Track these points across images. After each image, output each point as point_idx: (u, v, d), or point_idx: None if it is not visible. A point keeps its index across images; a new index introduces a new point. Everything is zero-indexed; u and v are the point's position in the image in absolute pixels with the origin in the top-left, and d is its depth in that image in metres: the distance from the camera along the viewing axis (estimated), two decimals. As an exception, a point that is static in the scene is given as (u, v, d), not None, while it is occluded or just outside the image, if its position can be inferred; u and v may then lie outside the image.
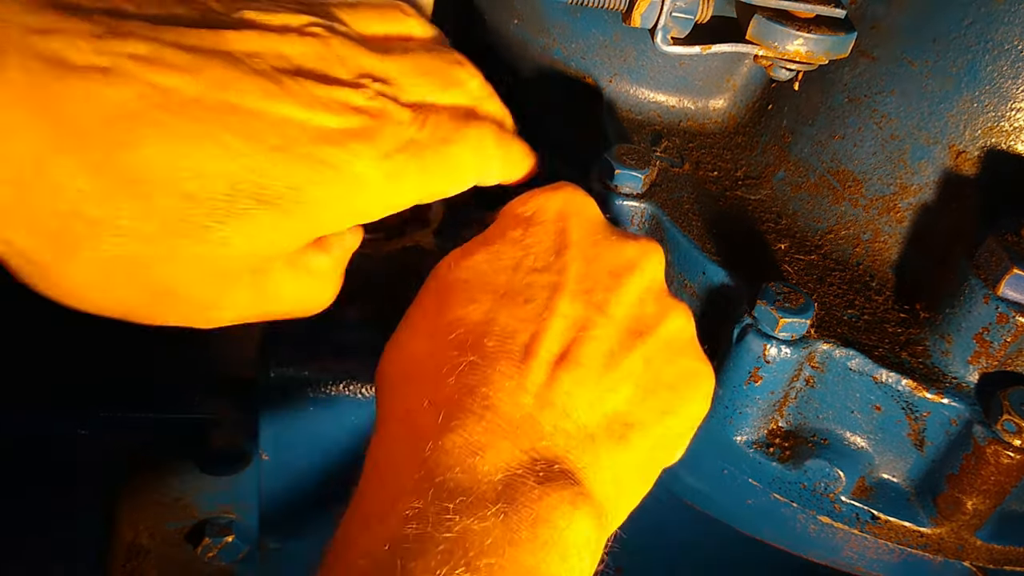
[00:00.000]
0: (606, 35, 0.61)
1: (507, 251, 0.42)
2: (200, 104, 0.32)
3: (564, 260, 0.41)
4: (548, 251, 0.42)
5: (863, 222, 0.54)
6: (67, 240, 0.31)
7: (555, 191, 0.44)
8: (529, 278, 0.40)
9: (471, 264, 0.41)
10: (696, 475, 0.54)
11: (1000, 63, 0.50)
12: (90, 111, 0.30)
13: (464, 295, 0.40)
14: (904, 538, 0.50)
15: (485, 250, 0.42)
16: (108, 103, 0.30)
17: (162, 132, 0.31)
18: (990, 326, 0.47)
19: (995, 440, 0.46)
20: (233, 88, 0.33)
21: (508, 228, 0.43)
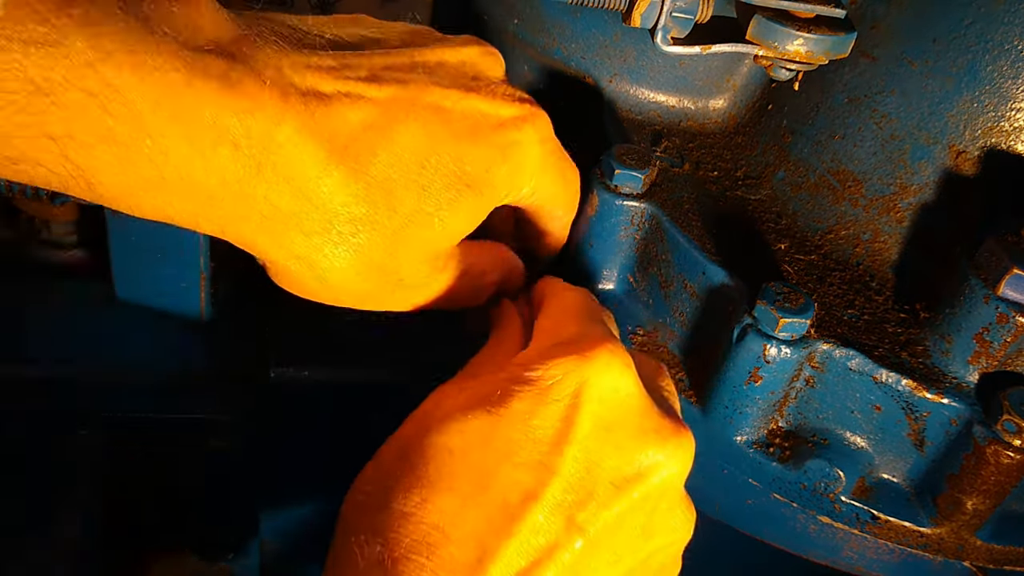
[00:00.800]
0: (606, 35, 0.61)
1: (506, 430, 0.37)
2: (415, 107, 0.39)
3: (558, 459, 0.36)
4: (548, 440, 0.37)
5: (863, 222, 0.54)
6: (334, 239, 0.38)
7: (588, 358, 0.38)
8: (517, 474, 0.36)
9: (464, 433, 0.37)
10: (696, 475, 0.54)
11: (1000, 63, 0.50)
12: (345, 129, 0.37)
13: (444, 472, 0.36)
14: (904, 538, 0.50)
15: (485, 417, 0.37)
16: (355, 120, 0.37)
17: (396, 136, 0.38)
18: (990, 326, 0.47)
19: (995, 440, 0.46)
20: (435, 92, 0.40)
21: (520, 390, 0.38)
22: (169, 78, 0.32)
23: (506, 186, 0.43)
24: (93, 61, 0.30)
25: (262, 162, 0.35)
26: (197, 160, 0.34)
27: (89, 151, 0.32)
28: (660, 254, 0.54)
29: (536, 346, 0.40)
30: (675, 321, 0.54)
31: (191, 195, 0.35)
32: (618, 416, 0.38)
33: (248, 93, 0.34)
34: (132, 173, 0.33)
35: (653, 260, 0.54)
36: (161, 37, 0.32)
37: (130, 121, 0.32)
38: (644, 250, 0.55)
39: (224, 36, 0.35)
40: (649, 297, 0.55)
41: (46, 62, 0.30)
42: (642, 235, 0.54)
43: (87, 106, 0.31)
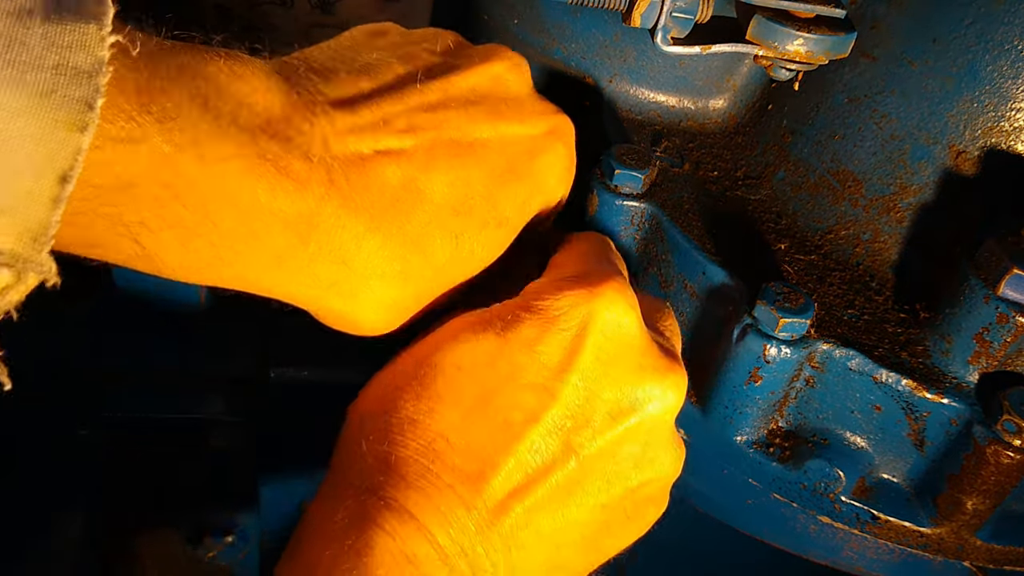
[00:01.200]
0: (606, 35, 0.61)
1: (513, 353, 0.38)
2: (450, 151, 0.40)
3: (560, 385, 0.38)
4: (552, 367, 0.38)
5: (863, 222, 0.54)
6: (371, 297, 0.40)
7: (595, 293, 0.40)
8: (520, 395, 0.38)
9: (473, 352, 0.39)
10: (696, 475, 0.54)
11: (1000, 63, 0.50)
12: (384, 193, 0.38)
13: (452, 387, 0.38)
14: (904, 538, 0.50)
15: (494, 340, 0.39)
16: (393, 181, 0.39)
17: (432, 188, 0.40)
18: (990, 326, 0.47)
19: (995, 440, 0.46)
20: (470, 128, 0.41)
21: (529, 318, 0.39)
22: (231, 167, 0.34)
23: (538, 210, 0.45)
24: (169, 155, 0.32)
25: (308, 238, 0.37)
26: (251, 240, 0.36)
27: (157, 235, 0.34)
28: (660, 254, 0.54)
29: (547, 279, 0.41)
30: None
31: (242, 267, 0.38)
32: (619, 350, 0.40)
33: (298, 176, 0.36)
34: (193, 252, 0.36)
35: (653, 260, 0.54)
36: (224, 124, 0.34)
37: (196, 208, 0.34)
38: (644, 250, 0.55)
39: (274, 109, 0.37)
40: (649, 297, 0.55)
41: (130, 158, 0.32)
42: (642, 235, 0.54)
43: (161, 197, 0.33)
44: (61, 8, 0.30)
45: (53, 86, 0.29)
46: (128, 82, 0.31)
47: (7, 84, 0.28)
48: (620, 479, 0.40)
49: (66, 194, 0.29)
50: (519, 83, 0.44)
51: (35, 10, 0.29)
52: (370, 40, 0.43)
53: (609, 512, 0.40)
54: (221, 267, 0.37)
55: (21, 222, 0.29)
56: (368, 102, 0.39)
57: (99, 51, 0.30)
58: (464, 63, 0.43)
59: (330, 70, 0.40)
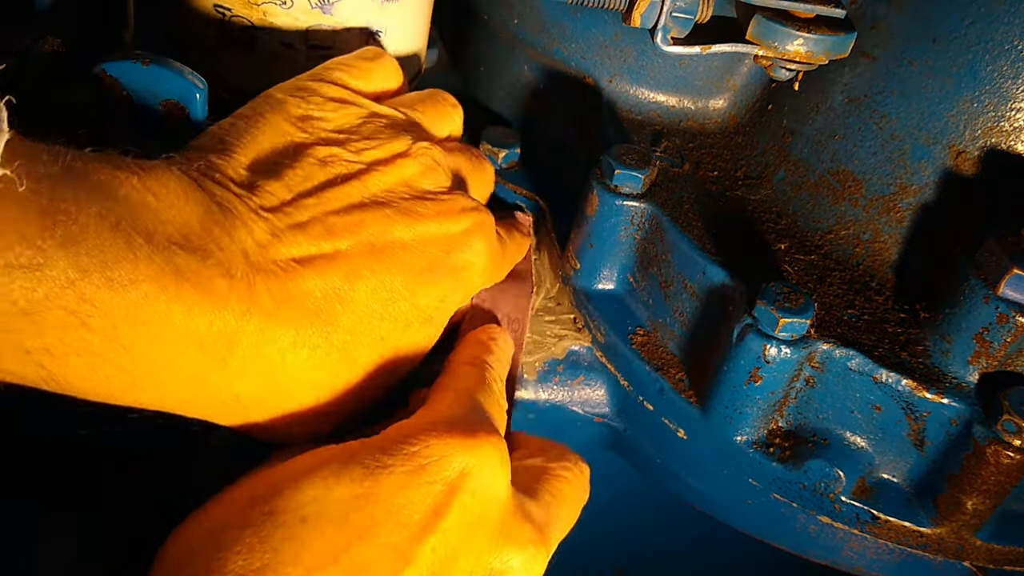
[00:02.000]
0: (606, 35, 0.61)
1: (371, 507, 0.34)
2: (371, 254, 0.39)
3: (417, 548, 0.34)
4: (412, 525, 0.34)
5: (863, 222, 0.54)
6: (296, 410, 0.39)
7: (470, 446, 0.36)
8: (369, 556, 0.33)
9: (324, 502, 0.34)
10: (696, 475, 0.54)
11: (1000, 63, 0.50)
12: (307, 304, 0.37)
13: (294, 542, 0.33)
14: (904, 538, 0.50)
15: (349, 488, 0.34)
16: (317, 291, 0.38)
17: (356, 295, 0.39)
18: (990, 326, 0.47)
19: (995, 440, 0.46)
20: (387, 228, 0.40)
21: (394, 464, 0.35)
22: (143, 289, 0.32)
23: (459, 306, 0.45)
24: (75, 280, 0.31)
25: (227, 357, 0.36)
26: (165, 364, 0.34)
27: (63, 361, 0.32)
28: (660, 254, 0.54)
29: (418, 419, 0.38)
30: (675, 321, 0.54)
31: (156, 391, 0.36)
32: (485, 512, 0.36)
33: (218, 292, 0.35)
34: (103, 378, 0.34)
35: (653, 260, 0.54)
36: (136, 245, 0.32)
37: (104, 332, 0.32)
38: (644, 250, 0.55)
39: (191, 224, 0.35)
40: (649, 297, 0.55)
41: (29, 284, 0.30)
42: (642, 235, 0.54)
43: (66, 322, 0.31)
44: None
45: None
46: (30, 206, 0.30)
47: None
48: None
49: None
50: (433, 181, 0.43)
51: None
52: (296, 131, 0.41)
53: None
54: (136, 392, 0.35)
55: None
56: (286, 208, 0.38)
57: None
58: (382, 163, 0.42)
59: (248, 175, 0.39)
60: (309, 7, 0.52)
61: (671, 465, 0.55)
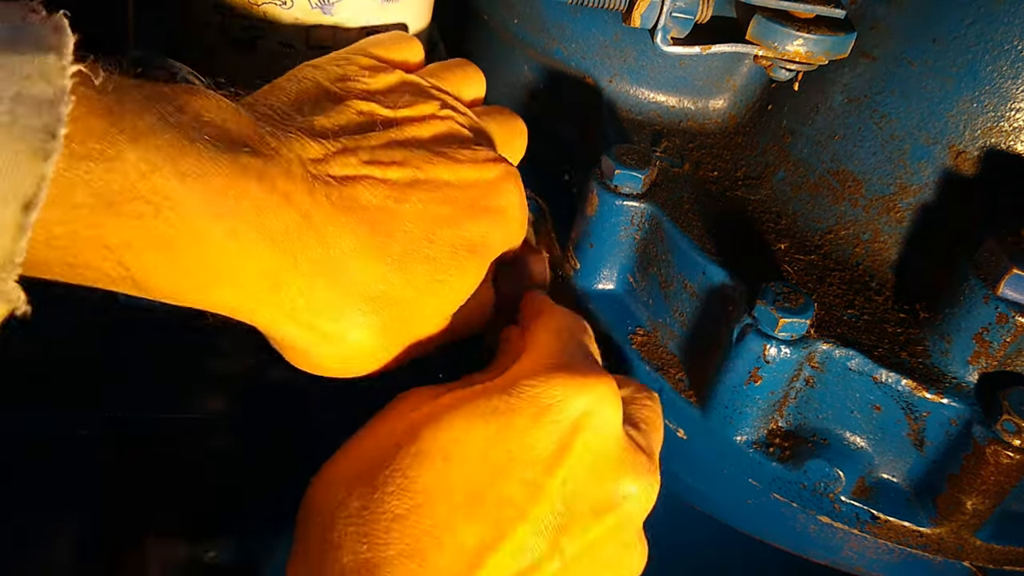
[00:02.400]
0: (606, 35, 0.61)
1: (506, 445, 0.37)
2: (415, 186, 0.41)
3: (550, 481, 0.37)
4: (543, 460, 0.37)
5: (863, 222, 0.54)
6: (359, 321, 0.40)
7: (588, 386, 0.38)
8: (510, 490, 0.36)
9: (463, 442, 0.37)
10: (696, 475, 0.54)
11: (1000, 63, 0.50)
12: (364, 213, 0.39)
13: (440, 479, 0.36)
14: (904, 538, 0.50)
15: (484, 428, 0.37)
16: (371, 202, 0.39)
17: (406, 214, 0.40)
18: (990, 326, 0.47)
19: (995, 440, 0.46)
20: (430, 169, 0.42)
21: (521, 405, 0.37)
22: (213, 183, 0.34)
23: (502, 245, 0.45)
24: (146, 172, 0.32)
25: (296, 255, 0.37)
26: (241, 257, 0.36)
27: (141, 256, 0.34)
28: (660, 254, 0.54)
29: (532, 362, 0.40)
30: (675, 321, 0.54)
31: (232, 289, 0.37)
32: (605, 447, 0.39)
33: (281, 190, 0.36)
34: (182, 273, 0.35)
35: (653, 260, 0.54)
36: (200, 143, 0.34)
37: (181, 225, 0.34)
38: (644, 250, 0.55)
39: (247, 131, 0.37)
40: (649, 297, 0.55)
41: (107, 176, 0.31)
42: (642, 235, 0.54)
43: (143, 214, 0.33)
44: (18, 41, 0.30)
45: (13, 117, 0.29)
46: (97, 104, 0.31)
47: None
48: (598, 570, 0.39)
49: (30, 222, 0.29)
50: (463, 140, 0.45)
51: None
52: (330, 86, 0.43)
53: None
54: (212, 289, 0.36)
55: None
56: (334, 135, 0.40)
57: (59, 80, 0.30)
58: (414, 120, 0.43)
59: (292, 109, 0.40)
60: (309, 7, 0.52)
61: (671, 465, 0.55)
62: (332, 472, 0.38)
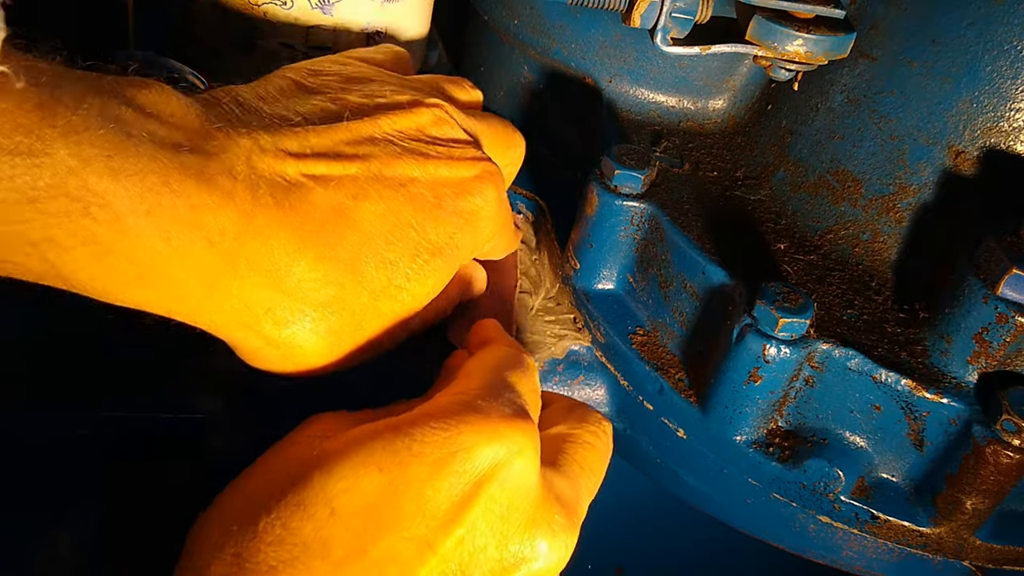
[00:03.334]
0: (606, 35, 0.61)
1: (398, 499, 0.33)
2: (378, 182, 0.40)
3: (444, 539, 0.34)
4: (438, 516, 0.34)
5: (862, 222, 0.54)
6: (306, 325, 0.39)
7: (500, 433, 0.35)
8: (398, 548, 0.33)
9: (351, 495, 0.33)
10: (696, 475, 0.54)
11: (999, 63, 0.50)
12: (313, 214, 0.38)
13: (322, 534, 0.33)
14: (903, 538, 0.50)
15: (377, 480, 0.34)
16: (322, 204, 0.38)
17: (362, 215, 0.39)
18: (989, 326, 0.47)
19: (994, 440, 0.46)
20: (396, 164, 0.40)
21: (421, 453, 0.34)
22: (147, 180, 0.33)
23: (469, 250, 0.44)
24: (75, 168, 0.31)
25: (235, 256, 0.36)
26: (173, 257, 0.35)
27: (68, 252, 0.33)
28: (660, 254, 0.54)
29: (448, 400, 0.37)
30: (675, 321, 0.54)
31: (166, 289, 0.36)
32: (514, 502, 0.35)
33: (222, 189, 0.35)
34: (110, 271, 0.34)
35: (653, 260, 0.54)
36: (138, 140, 0.33)
37: (110, 223, 0.33)
38: (644, 250, 0.55)
39: (193, 127, 0.36)
40: (649, 297, 0.55)
41: (33, 172, 0.31)
42: (642, 235, 0.54)
43: (70, 211, 0.32)
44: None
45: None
46: (28, 98, 0.31)
47: None
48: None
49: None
50: (449, 132, 0.44)
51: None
52: (304, 79, 0.42)
53: None
54: (143, 288, 0.35)
55: None
56: (294, 129, 0.39)
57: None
58: (390, 109, 0.42)
59: (254, 102, 0.39)
60: (309, 7, 0.52)
61: (671, 465, 0.55)
62: (219, 507, 0.36)
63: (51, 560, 0.60)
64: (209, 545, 0.34)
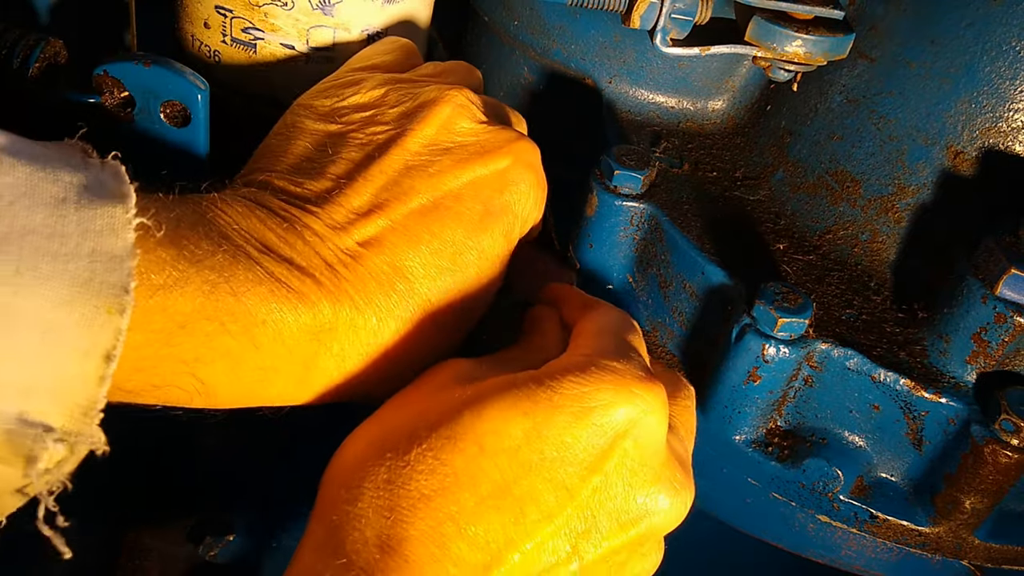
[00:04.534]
0: (606, 36, 0.61)
1: (542, 444, 0.36)
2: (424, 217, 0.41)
3: (581, 486, 0.36)
4: (577, 464, 0.36)
5: (861, 222, 0.54)
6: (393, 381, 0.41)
7: (636, 395, 0.37)
8: (539, 489, 0.36)
9: (499, 436, 0.36)
10: (696, 474, 0.54)
11: (998, 64, 0.50)
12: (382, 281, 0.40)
13: (471, 467, 0.35)
14: (902, 537, 0.50)
15: (522, 424, 0.36)
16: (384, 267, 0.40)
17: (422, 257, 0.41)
18: (988, 326, 0.47)
19: (993, 439, 0.46)
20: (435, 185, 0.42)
21: (563, 404, 0.37)
22: (256, 295, 0.37)
23: (521, 229, 0.46)
24: (208, 292, 0.35)
25: (331, 343, 0.39)
26: (287, 356, 0.38)
27: (211, 367, 0.36)
28: (659, 254, 0.54)
29: (580, 358, 0.39)
30: (675, 321, 0.54)
31: (283, 384, 0.39)
32: (644, 458, 0.38)
33: (310, 294, 0.38)
34: (242, 378, 0.38)
35: (652, 260, 0.55)
36: (239, 260, 0.37)
37: (240, 336, 0.36)
38: (643, 250, 0.55)
39: (271, 237, 0.39)
40: (649, 297, 0.55)
41: (179, 301, 0.34)
42: (641, 235, 0.55)
43: (210, 331, 0.35)
44: (89, 191, 0.32)
45: (91, 274, 0.31)
46: (165, 239, 0.34)
47: (53, 278, 0.30)
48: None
49: (111, 372, 0.31)
50: (470, 119, 0.44)
51: (68, 198, 0.32)
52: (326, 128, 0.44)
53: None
54: (265, 388, 0.39)
55: (71, 400, 0.31)
56: (337, 200, 0.41)
57: (127, 235, 0.32)
58: (413, 121, 0.43)
59: (295, 181, 0.41)
60: (310, 8, 0.52)
61: (670, 464, 0.55)
62: (362, 438, 0.38)
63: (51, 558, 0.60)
64: (357, 472, 0.36)
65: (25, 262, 0.30)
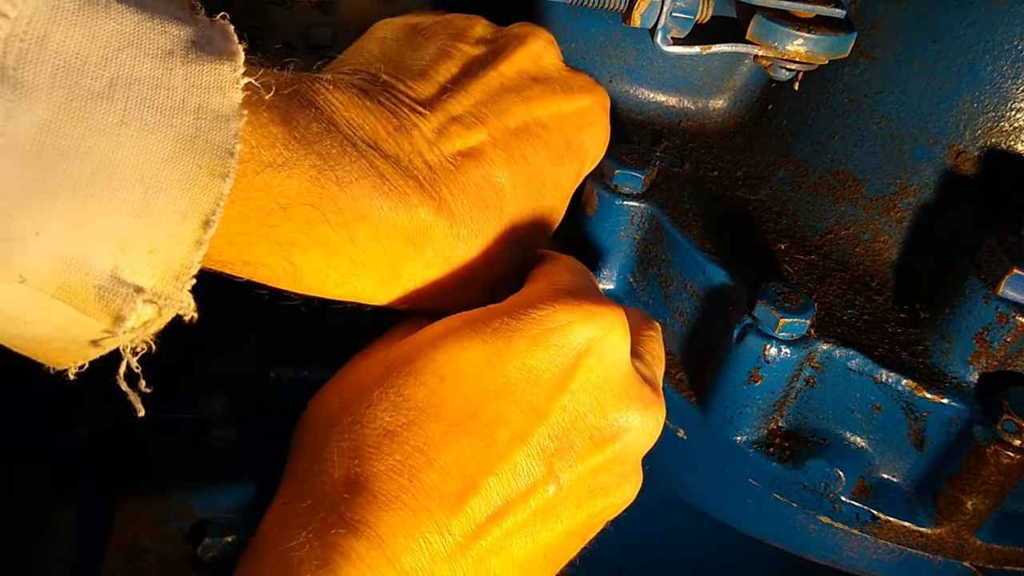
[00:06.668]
0: (606, 35, 0.61)
1: (503, 366, 0.36)
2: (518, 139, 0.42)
3: (549, 405, 0.37)
4: (543, 384, 0.37)
5: (863, 222, 0.54)
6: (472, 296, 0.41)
7: (595, 314, 0.38)
8: (507, 412, 0.36)
9: (458, 363, 0.36)
10: (696, 475, 0.54)
11: (1000, 63, 0.50)
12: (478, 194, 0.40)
13: (434, 398, 0.36)
14: (904, 538, 0.50)
15: (482, 349, 0.37)
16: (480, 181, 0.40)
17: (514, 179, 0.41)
18: (990, 326, 0.47)
19: (995, 440, 0.46)
20: (527, 111, 0.42)
21: (523, 328, 0.37)
22: (361, 187, 0.36)
23: (585, 172, 0.46)
24: (315, 178, 0.35)
25: (424, 247, 0.39)
26: (380, 253, 0.38)
27: (306, 253, 0.36)
28: (660, 254, 0.54)
29: (538, 289, 0.40)
30: (675, 321, 0.54)
31: (370, 280, 0.39)
32: (609, 376, 0.38)
33: (412, 196, 0.38)
34: (335, 269, 0.37)
35: (653, 260, 0.54)
36: (347, 150, 0.36)
37: (340, 227, 0.36)
38: (644, 250, 0.55)
39: (379, 131, 0.38)
40: (649, 297, 0.55)
41: (286, 183, 0.34)
42: (642, 235, 0.54)
43: (310, 217, 0.35)
44: (197, 47, 0.31)
45: (196, 131, 0.30)
46: (275, 111, 0.34)
47: (155, 129, 0.29)
48: (588, 505, 0.39)
49: (208, 237, 0.31)
50: (556, 58, 0.46)
51: (175, 51, 0.30)
52: (408, 39, 0.44)
53: (572, 536, 0.39)
54: (354, 282, 0.38)
55: (165, 262, 0.30)
56: (439, 104, 0.41)
57: (234, 94, 0.31)
58: (505, 49, 0.44)
59: (397, 80, 0.41)
60: (309, 7, 0.52)
61: (671, 465, 0.55)
62: (327, 393, 0.39)
63: (51, 556, 0.60)
64: (322, 422, 0.37)
65: (131, 112, 0.29)
